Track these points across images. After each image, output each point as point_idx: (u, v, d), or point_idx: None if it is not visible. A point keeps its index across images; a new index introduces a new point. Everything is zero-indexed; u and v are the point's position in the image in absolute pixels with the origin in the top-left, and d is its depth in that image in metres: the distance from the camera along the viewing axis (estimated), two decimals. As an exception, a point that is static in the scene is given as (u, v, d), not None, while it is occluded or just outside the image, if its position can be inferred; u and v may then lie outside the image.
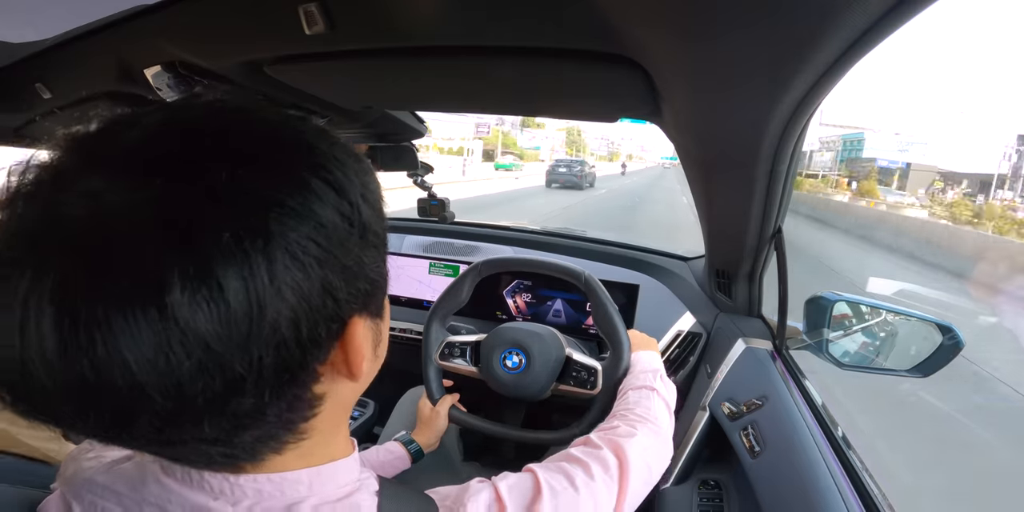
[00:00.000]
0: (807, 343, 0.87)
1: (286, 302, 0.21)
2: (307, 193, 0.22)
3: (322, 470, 0.29)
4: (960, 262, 8.60)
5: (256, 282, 0.20)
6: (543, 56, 0.53)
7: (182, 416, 0.21)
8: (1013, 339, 4.93)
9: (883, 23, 0.32)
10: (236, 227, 0.20)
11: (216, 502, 0.26)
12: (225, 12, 0.55)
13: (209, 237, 0.19)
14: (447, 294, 0.90)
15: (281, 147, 0.24)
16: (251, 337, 0.21)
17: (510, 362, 0.85)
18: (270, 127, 0.24)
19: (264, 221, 0.21)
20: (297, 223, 0.21)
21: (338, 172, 0.24)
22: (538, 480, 0.38)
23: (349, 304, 0.25)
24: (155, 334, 0.19)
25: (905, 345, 0.83)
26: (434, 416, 0.89)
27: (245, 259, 0.20)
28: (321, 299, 0.23)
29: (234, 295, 0.20)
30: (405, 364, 1.26)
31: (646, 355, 0.79)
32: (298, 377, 0.24)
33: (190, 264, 0.19)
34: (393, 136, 1.11)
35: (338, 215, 0.23)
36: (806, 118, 0.50)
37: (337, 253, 0.23)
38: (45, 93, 0.80)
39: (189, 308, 0.19)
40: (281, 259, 0.21)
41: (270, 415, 0.24)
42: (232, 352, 0.20)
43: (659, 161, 72.83)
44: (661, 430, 0.59)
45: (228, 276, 0.20)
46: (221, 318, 0.20)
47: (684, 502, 0.81)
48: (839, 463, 0.62)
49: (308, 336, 0.23)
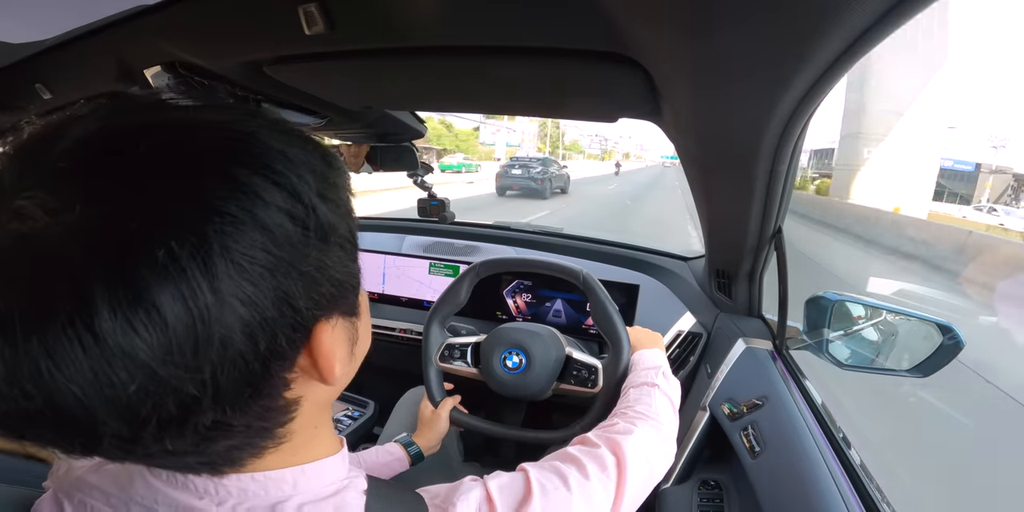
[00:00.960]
0: (807, 343, 0.87)
1: (237, 316, 0.20)
2: (251, 198, 0.21)
3: (307, 469, 0.29)
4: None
5: (198, 300, 0.19)
6: (543, 56, 0.53)
7: (141, 437, 0.21)
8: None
9: (883, 23, 0.32)
10: (170, 242, 0.19)
11: (201, 502, 0.26)
12: (225, 12, 0.55)
13: (141, 256, 0.18)
14: (446, 295, 0.90)
15: (224, 149, 0.22)
16: (199, 357, 0.20)
17: (510, 362, 0.85)
18: (214, 126, 0.23)
19: (202, 233, 0.19)
20: (240, 232, 0.20)
21: (289, 172, 0.22)
22: (529, 480, 0.37)
23: (312, 310, 0.24)
24: (94, 361, 0.18)
25: (905, 345, 0.83)
26: (435, 418, 0.88)
27: (182, 276, 0.19)
28: (277, 310, 0.22)
29: (173, 316, 0.19)
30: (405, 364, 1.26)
31: (649, 353, 0.77)
32: (262, 389, 0.23)
33: (120, 286, 0.18)
34: (393, 136, 1.11)
35: (289, 219, 0.22)
36: (806, 118, 0.50)
37: (291, 260, 0.22)
38: (45, 93, 0.81)
39: (123, 333, 0.18)
40: (225, 272, 0.20)
41: (238, 426, 0.23)
42: (179, 375, 0.20)
43: (659, 160, 71.41)
44: (663, 427, 0.57)
45: (164, 296, 0.18)
46: (160, 341, 0.19)
47: (684, 502, 0.81)
48: (839, 463, 0.62)
49: (267, 348, 0.22)
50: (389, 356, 1.38)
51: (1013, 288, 5.98)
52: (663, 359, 0.76)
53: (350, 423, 1.25)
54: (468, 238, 1.50)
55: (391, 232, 1.60)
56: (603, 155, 72.41)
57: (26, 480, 0.31)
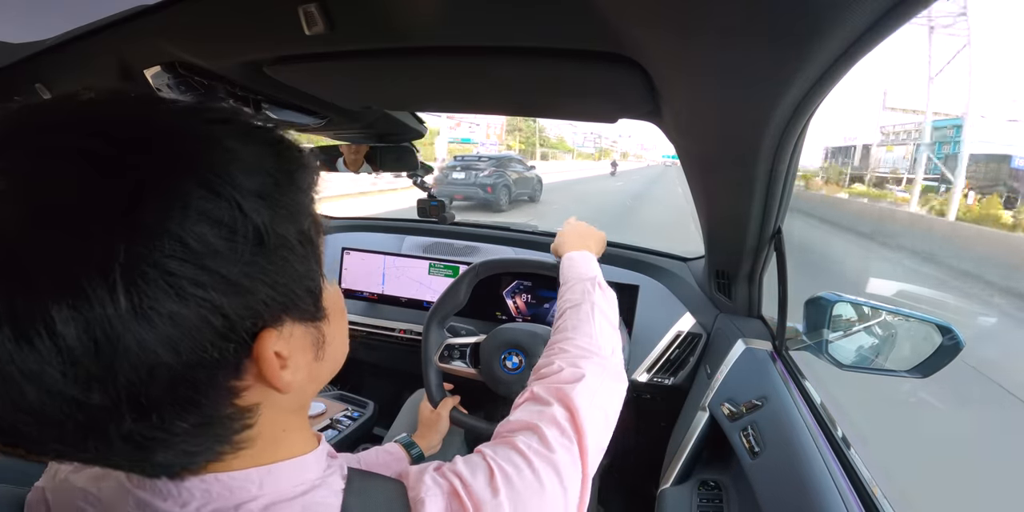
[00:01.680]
0: (807, 344, 0.87)
1: (153, 329, 0.19)
2: (168, 204, 0.19)
3: (273, 469, 0.28)
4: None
5: (96, 315, 0.18)
6: (543, 56, 0.53)
7: (64, 441, 0.21)
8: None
9: (883, 23, 0.32)
10: (70, 257, 0.18)
11: (165, 504, 0.26)
12: (225, 12, 0.55)
13: (39, 270, 0.18)
14: (445, 296, 0.90)
15: (143, 148, 0.20)
16: (105, 370, 0.19)
17: (510, 363, 0.85)
18: (139, 120, 0.21)
19: (108, 246, 0.18)
20: (153, 244, 0.19)
21: (220, 173, 0.21)
22: (491, 469, 0.34)
23: (247, 320, 0.22)
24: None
25: (905, 345, 0.83)
26: (436, 418, 0.88)
27: (81, 292, 0.18)
28: (202, 320, 0.20)
29: (70, 333, 0.18)
30: (405, 364, 1.26)
31: (580, 257, 0.68)
32: (194, 398, 0.22)
33: (18, 301, 0.17)
34: (393, 136, 1.11)
35: (211, 226, 0.20)
36: (806, 118, 0.50)
37: (215, 268, 0.20)
38: (45, 93, 0.80)
39: (17, 347, 0.18)
40: (134, 286, 0.18)
41: (179, 433, 0.23)
42: (80, 389, 0.19)
43: (660, 160, 68.19)
44: (607, 360, 0.52)
45: (61, 312, 0.18)
46: (57, 357, 0.18)
47: (684, 502, 0.81)
48: (839, 463, 0.62)
49: (193, 359, 0.21)
50: (389, 356, 1.38)
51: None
52: (595, 265, 0.67)
53: (350, 423, 1.25)
54: (468, 238, 1.50)
55: (391, 233, 1.60)
56: (597, 154, 66.03)
57: (23, 480, 0.31)
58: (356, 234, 1.63)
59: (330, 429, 1.23)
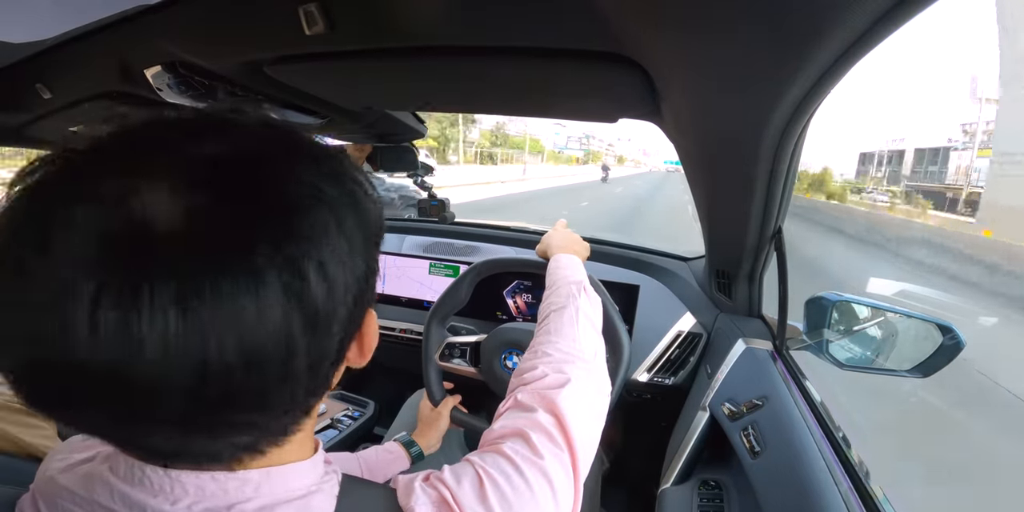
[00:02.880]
0: (807, 343, 0.87)
1: (343, 280, 0.25)
2: (352, 194, 0.28)
3: (272, 472, 0.28)
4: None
5: (342, 258, 0.25)
6: (543, 56, 0.53)
7: (199, 401, 0.22)
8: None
9: (883, 23, 0.32)
10: (279, 238, 0.23)
11: (155, 500, 0.26)
12: (225, 12, 0.55)
13: (257, 250, 0.22)
14: (447, 295, 0.90)
15: (334, 170, 0.28)
16: (313, 318, 0.24)
17: (510, 362, 0.85)
18: (312, 147, 0.28)
19: (322, 223, 0.25)
20: (347, 216, 0.26)
21: (358, 181, 0.29)
22: (481, 479, 0.34)
23: (368, 292, 0.29)
24: (251, 301, 0.22)
25: (905, 345, 0.83)
26: (436, 417, 0.88)
27: (330, 244, 0.25)
28: (359, 285, 0.27)
29: (316, 284, 0.24)
30: (405, 364, 1.26)
31: (567, 260, 0.69)
32: (320, 368, 0.26)
33: (286, 268, 0.23)
34: (393, 136, 1.11)
35: (359, 223, 0.27)
36: (806, 118, 0.50)
37: (367, 245, 0.28)
38: (45, 93, 0.81)
39: (316, 277, 0.24)
40: (345, 246, 0.26)
41: (276, 404, 0.25)
42: (297, 332, 0.23)
43: (662, 166, 64.04)
44: (591, 364, 0.52)
45: (314, 271, 0.23)
46: (283, 300, 0.23)
47: (684, 502, 0.81)
48: (839, 463, 0.62)
49: (356, 311, 0.27)
50: (389, 356, 1.38)
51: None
52: (582, 270, 0.68)
53: (350, 423, 1.25)
54: (468, 238, 1.50)
55: (391, 232, 1.60)
56: (586, 157, 59.26)
57: (21, 480, 0.31)
58: None
59: (330, 429, 1.23)
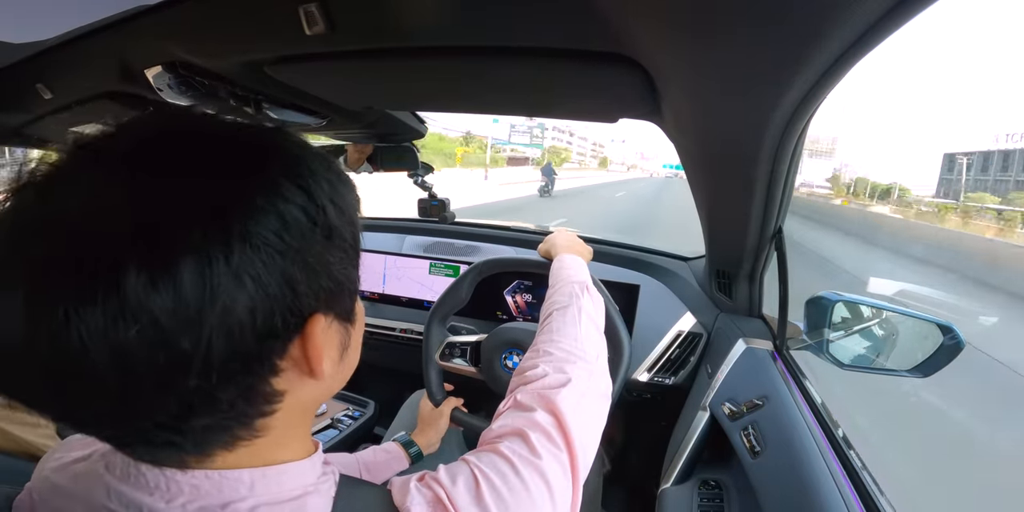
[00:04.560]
0: (808, 343, 0.87)
1: (243, 289, 0.23)
2: (275, 193, 0.25)
3: (268, 471, 0.28)
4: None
5: (213, 269, 0.22)
6: (543, 56, 0.53)
7: (130, 390, 0.22)
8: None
9: (883, 23, 0.32)
10: (203, 223, 0.22)
11: (150, 498, 0.26)
12: (226, 12, 0.55)
13: (176, 232, 0.22)
14: (447, 294, 0.90)
15: (259, 153, 0.26)
16: (201, 317, 0.22)
17: (511, 362, 0.85)
18: (251, 137, 0.27)
19: (229, 218, 0.23)
20: (261, 218, 0.23)
21: (309, 178, 0.26)
22: (476, 478, 0.33)
23: (309, 298, 0.26)
24: (111, 309, 0.21)
25: (905, 345, 0.83)
26: (436, 417, 0.88)
27: (205, 251, 0.22)
28: (279, 289, 0.24)
29: (189, 279, 0.21)
30: (405, 364, 1.26)
31: (571, 260, 0.69)
32: (252, 367, 0.25)
33: (151, 254, 0.21)
34: (393, 136, 1.11)
35: (303, 214, 0.25)
36: (806, 118, 0.50)
37: (299, 248, 0.25)
38: (46, 93, 0.81)
39: (143, 289, 0.21)
40: (240, 250, 0.23)
41: (223, 401, 0.24)
42: (178, 328, 0.22)
43: (660, 170, 56.39)
44: (593, 365, 0.52)
45: (186, 264, 0.21)
46: (172, 298, 0.21)
47: (684, 502, 0.81)
48: (839, 463, 0.62)
49: (263, 324, 0.24)
50: (389, 356, 1.38)
51: None
52: (586, 271, 0.68)
53: (350, 423, 1.25)
54: (468, 238, 1.50)
55: (391, 232, 1.60)
56: (544, 157, 40.12)
57: (17, 479, 0.31)
58: None
59: (330, 429, 1.23)
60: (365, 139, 1.12)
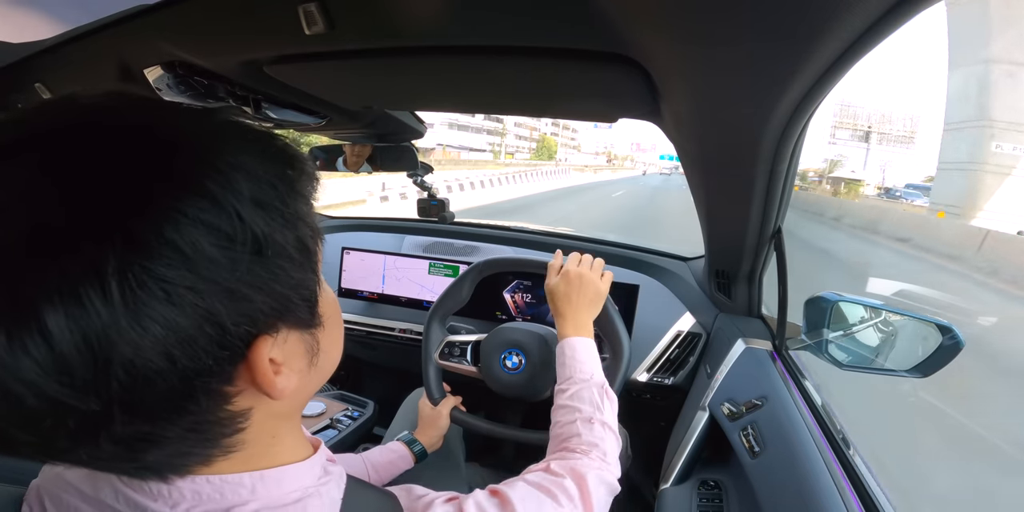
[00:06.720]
0: (807, 343, 0.87)
1: (148, 336, 0.19)
2: (165, 214, 0.19)
3: (266, 474, 0.28)
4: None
5: (91, 322, 0.18)
6: (543, 56, 0.53)
7: (54, 445, 0.21)
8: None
9: (882, 23, 0.32)
10: (66, 266, 0.18)
11: (156, 504, 0.26)
12: (225, 12, 0.55)
13: (32, 275, 0.18)
14: (447, 294, 0.90)
15: (140, 156, 0.20)
16: (100, 376, 0.19)
17: (510, 362, 0.85)
18: (130, 131, 0.21)
19: (101, 252, 0.18)
20: (149, 253, 0.19)
21: (216, 178, 0.21)
22: (511, 501, 0.38)
23: (243, 326, 0.22)
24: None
25: (905, 345, 0.83)
26: (436, 416, 0.88)
27: (76, 300, 0.18)
28: (198, 329, 0.20)
29: (62, 337, 0.18)
30: (405, 364, 1.26)
31: (581, 345, 0.67)
32: (186, 405, 0.22)
33: (9, 306, 0.18)
34: (393, 136, 1.11)
35: (211, 234, 0.20)
36: (806, 118, 0.50)
37: (212, 277, 0.20)
38: (45, 93, 0.80)
39: (11, 352, 0.18)
40: (129, 291, 0.18)
41: (171, 436, 0.23)
42: (72, 394, 0.19)
43: (657, 162, 52.53)
44: (607, 454, 0.58)
45: (54, 318, 0.18)
46: (49, 361, 0.18)
47: (684, 502, 0.81)
48: (839, 463, 0.62)
49: (189, 366, 0.21)
50: (389, 356, 1.38)
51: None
52: (596, 357, 0.67)
53: (350, 423, 1.25)
54: (468, 238, 1.50)
55: (391, 232, 1.60)
56: (497, 154, 32.28)
57: (21, 478, 0.31)
58: (356, 234, 1.63)
59: (330, 429, 1.23)
60: (364, 139, 1.11)
